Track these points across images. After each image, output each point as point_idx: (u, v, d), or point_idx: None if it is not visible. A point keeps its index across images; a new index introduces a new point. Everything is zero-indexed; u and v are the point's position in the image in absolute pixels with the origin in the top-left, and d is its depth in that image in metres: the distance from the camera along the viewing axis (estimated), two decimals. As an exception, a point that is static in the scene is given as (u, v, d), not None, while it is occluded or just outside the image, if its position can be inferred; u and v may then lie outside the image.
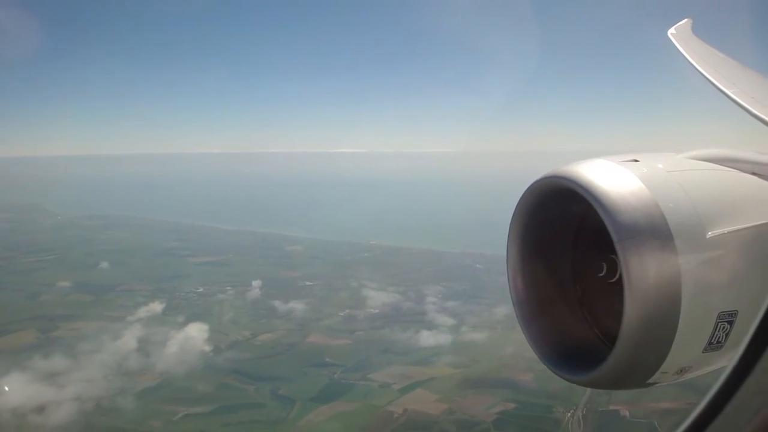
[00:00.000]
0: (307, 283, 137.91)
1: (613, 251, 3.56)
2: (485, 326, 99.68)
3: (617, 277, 3.70)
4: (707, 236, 3.64)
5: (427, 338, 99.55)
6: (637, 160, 4.01)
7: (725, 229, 3.70)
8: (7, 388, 76.49)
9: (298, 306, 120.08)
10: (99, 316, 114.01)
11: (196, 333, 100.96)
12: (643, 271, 3.45)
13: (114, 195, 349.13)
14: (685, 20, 13.76)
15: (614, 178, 3.77)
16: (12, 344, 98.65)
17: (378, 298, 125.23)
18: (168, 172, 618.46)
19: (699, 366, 3.93)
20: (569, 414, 71.87)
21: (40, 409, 76.12)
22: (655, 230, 3.54)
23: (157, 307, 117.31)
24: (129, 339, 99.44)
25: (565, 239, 4.54)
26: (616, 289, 3.74)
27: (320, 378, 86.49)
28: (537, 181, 4.17)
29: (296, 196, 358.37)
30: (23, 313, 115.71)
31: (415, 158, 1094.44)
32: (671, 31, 13.02)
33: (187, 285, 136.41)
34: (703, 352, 3.76)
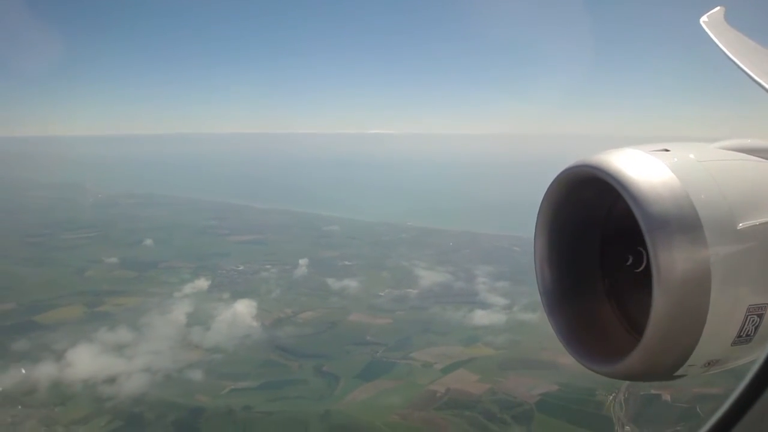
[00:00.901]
0: (347, 262, 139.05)
1: (642, 241, 3.53)
2: (527, 309, 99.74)
3: (645, 267, 3.71)
4: (738, 227, 3.61)
5: (481, 317, 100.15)
6: (667, 150, 3.98)
7: (756, 221, 3.67)
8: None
9: (338, 285, 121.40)
10: (143, 292, 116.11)
11: (241, 310, 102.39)
12: (672, 262, 3.42)
13: (152, 174, 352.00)
14: (718, 8, 13.75)
15: (644, 168, 3.73)
16: (61, 318, 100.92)
17: (422, 277, 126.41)
18: (204, 152, 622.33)
19: (727, 359, 3.86)
20: (611, 397, 71.65)
21: (93, 383, 78.24)
22: (685, 221, 3.50)
23: (202, 284, 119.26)
24: (177, 315, 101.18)
25: (593, 229, 4.49)
26: (644, 280, 3.70)
27: (363, 356, 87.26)
28: (565, 170, 4.10)
29: (330, 176, 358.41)
30: (69, 288, 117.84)
31: (446, 140, 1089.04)
32: (703, 19, 13.11)
33: (227, 263, 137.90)
34: (731, 345, 3.71)
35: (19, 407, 72.32)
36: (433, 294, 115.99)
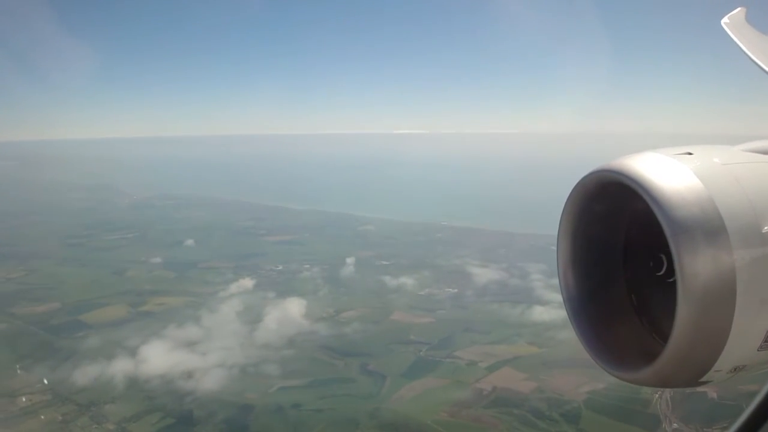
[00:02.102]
0: (384, 262, 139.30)
1: (666, 246, 3.45)
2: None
3: (668, 272, 3.74)
4: (763, 231, 3.54)
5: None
6: (690, 153, 3.89)
7: None
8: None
9: (377, 284, 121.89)
10: (185, 292, 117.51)
11: (286, 309, 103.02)
12: (696, 267, 3.34)
13: (185, 176, 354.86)
14: (739, 9, 13.55)
15: (667, 172, 3.66)
16: (106, 317, 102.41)
17: (461, 276, 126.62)
18: (235, 154, 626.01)
19: (754, 364, 3.77)
20: (657, 395, 71.22)
21: (143, 380, 79.39)
22: (709, 225, 3.42)
23: (246, 283, 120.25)
24: (224, 315, 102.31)
25: (617, 234, 4.40)
26: (668, 285, 3.65)
27: (407, 355, 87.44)
28: (588, 175, 4.02)
29: (362, 176, 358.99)
30: (111, 289, 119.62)
31: (476, 139, 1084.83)
32: (725, 20, 12.94)
33: (266, 263, 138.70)
34: (758, 350, 3.63)
35: (70, 405, 73.36)
36: (474, 293, 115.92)
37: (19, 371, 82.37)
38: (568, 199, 4.19)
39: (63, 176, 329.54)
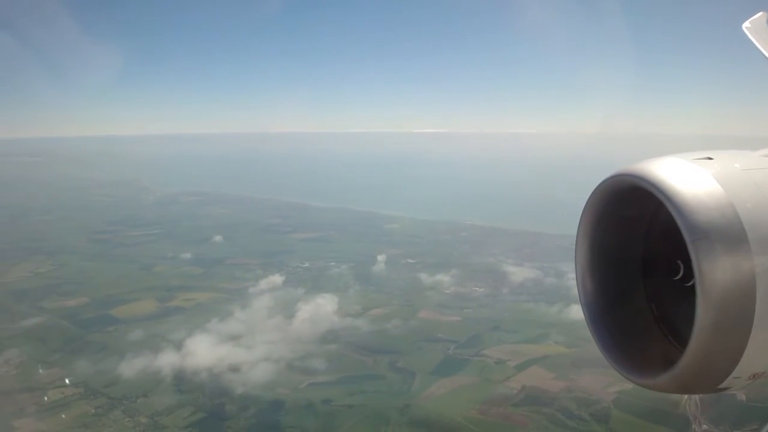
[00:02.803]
0: (410, 260, 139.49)
1: (686, 252, 3.47)
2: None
3: (686, 276, 3.80)
4: None
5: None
6: (710, 158, 3.88)
7: None
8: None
9: (404, 282, 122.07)
10: (213, 288, 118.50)
11: (314, 306, 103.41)
12: (716, 273, 3.35)
13: (208, 173, 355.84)
14: (760, 14, 13.60)
15: (687, 177, 3.66)
16: (135, 312, 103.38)
17: (488, 275, 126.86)
18: (259, 151, 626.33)
19: None
20: (686, 396, 70.66)
21: (175, 375, 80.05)
22: (729, 231, 3.43)
23: (275, 280, 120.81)
24: (253, 311, 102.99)
25: (636, 239, 4.44)
26: (688, 291, 3.72)
27: (435, 353, 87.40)
28: (607, 179, 4.06)
29: (386, 174, 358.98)
30: (139, 284, 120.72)
31: (497, 139, 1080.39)
32: (746, 24, 13.01)
33: (293, 260, 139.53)
34: None
35: (102, 398, 73.96)
36: (501, 292, 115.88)
37: (51, 365, 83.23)
38: (587, 203, 4.26)
39: (87, 173, 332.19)
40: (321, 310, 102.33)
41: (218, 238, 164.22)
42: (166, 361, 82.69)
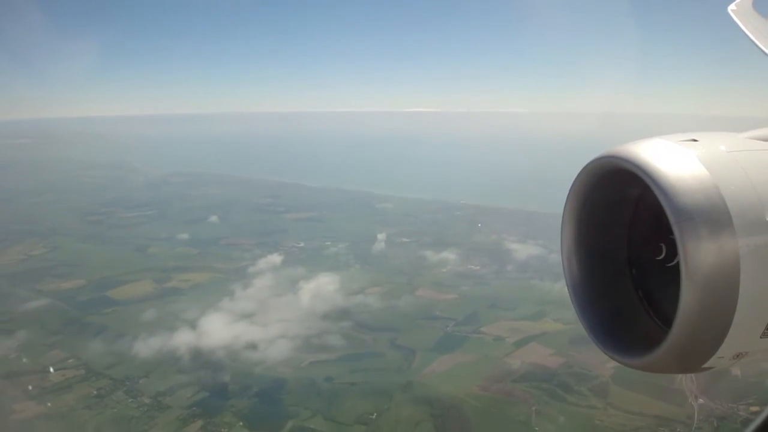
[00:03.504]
0: (404, 239, 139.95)
1: (671, 233, 3.49)
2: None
3: (674, 259, 3.68)
4: None
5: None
6: (695, 140, 3.91)
7: None
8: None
9: (399, 261, 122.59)
10: (209, 268, 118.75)
11: (312, 285, 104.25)
12: (700, 254, 3.37)
13: (198, 153, 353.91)
14: None
15: (672, 159, 3.69)
16: (133, 293, 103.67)
17: (484, 253, 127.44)
18: (249, 131, 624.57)
19: (756, 351, 3.79)
20: (681, 372, 71.25)
21: (176, 355, 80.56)
22: (714, 213, 3.45)
23: (272, 260, 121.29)
24: (253, 290, 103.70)
25: (621, 221, 4.43)
26: (672, 272, 3.69)
27: (434, 330, 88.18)
28: (593, 161, 4.05)
29: (377, 154, 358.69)
30: (135, 265, 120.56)
31: (487, 118, 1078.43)
32: (731, 7, 12.96)
33: (288, 240, 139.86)
34: (761, 337, 3.67)
35: (104, 380, 74.25)
36: (497, 270, 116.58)
37: (50, 347, 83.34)
38: (572, 185, 4.26)
39: (76, 154, 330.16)
40: (320, 289, 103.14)
41: (212, 218, 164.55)
42: (168, 341, 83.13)
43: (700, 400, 67.02)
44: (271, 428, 63.84)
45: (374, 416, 65.45)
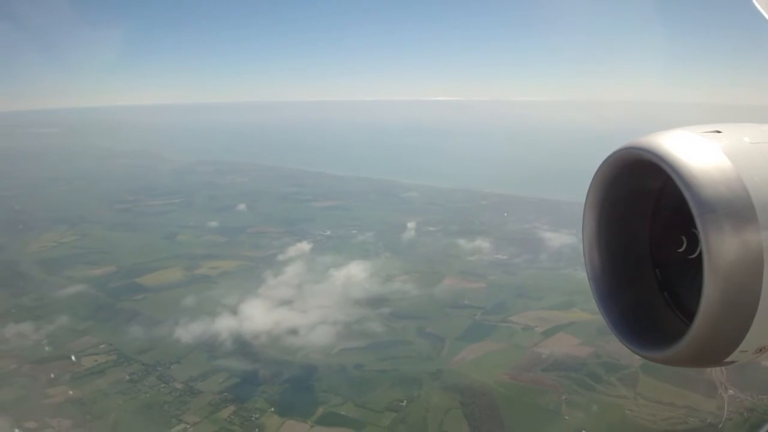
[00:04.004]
0: (431, 228, 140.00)
1: (693, 225, 3.46)
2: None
3: (697, 252, 3.68)
4: None
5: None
6: (719, 131, 3.86)
7: None
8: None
9: (427, 249, 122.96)
10: (238, 256, 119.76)
11: (340, 274, 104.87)
12: (724, 247, 3.34)
13: (224, 142, 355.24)
14: None
15: (696, 151, 3.64)
16: (163, 280, 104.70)
17: (511, 242, 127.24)
18: (274, 120, 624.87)
19: None
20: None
21: (208, 341, 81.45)
22: (737, 205, 3.41)
23: (301, 248, 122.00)
24: (284, 278, 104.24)
25: (643, 212, 4.43)
26: (695, 264, 3.71)
27: (462, 319, 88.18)
28: (615, 153, 4.03)
29: (399, 143, 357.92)
30: (164, 252, 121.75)
31: (511, 107, 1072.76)
32: None
33: (315, 228, 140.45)
34: None
35: (136, 365, 74.95)
36: (525, 259, 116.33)
37: (82, 333, 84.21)
38: (595, 176, 4.26)
39: (102, 143, 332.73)
40: (346, 277, 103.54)
41: (239, 207, 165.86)
42: (199, 328, 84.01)
43: (730, 391, 66.73)
44: (303, 414, 64.13)
45: (404, 403, 65.70)
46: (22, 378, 71.64)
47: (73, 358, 76.79)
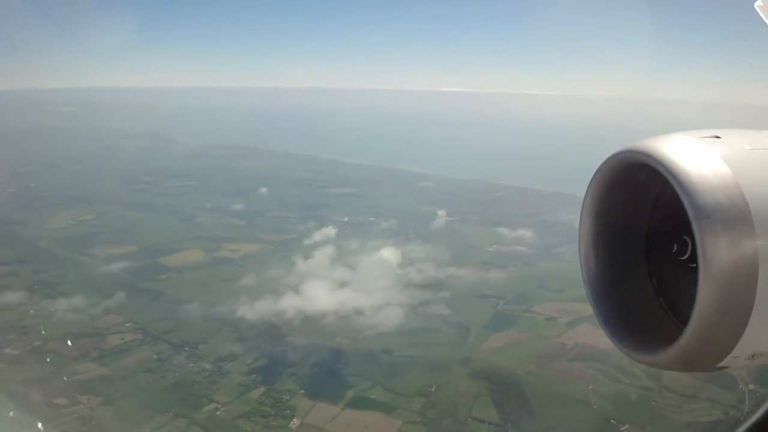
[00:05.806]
0: (448, 218, 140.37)
1: (690, 231, 3.44)
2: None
3: (691, 257, 3.71)
4: None
5: None
6: (718, 137, 3.84)
7: None
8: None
9: (446, 239, 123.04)
10: (257, 239, 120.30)
11: (362, 259, 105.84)
12: (719, 253, 3.32)
13: (235, 126, 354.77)
14: None
15: (694, 155, 3.62)
16: (185, 261, 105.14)
17: (528, 234, 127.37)
18: (286, 106, 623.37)
19: None
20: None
21: (235, 322, 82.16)
22: (734, 211, 3.39)
23: (323, 233, 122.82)
24: (314, 261, 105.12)
25: (640, 216, 4.36)
26: (690, 270, 3.64)
27: (485, 308, 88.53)
28: (613, 156, 4.01)
29: (413, 133, 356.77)
30: (183, 234, 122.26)
31: (522, 99, 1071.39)
32: (758, 3, 12.46)
33: (332, 214, 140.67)
34: None
35: (163, 344, 75.55)
36: (544, 251, 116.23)
37: (107, 311, 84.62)
38: (592, 178, 4.20)
39: (116, 123, 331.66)
40: (366, 264, 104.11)
41: (261, 190, 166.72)
42: (224, 308, 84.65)
43: (751, 386, 67.04)
44: (332, 397, 64.57)
45: (433, 389, 66.28)
46: (49, 354, 71.82)
47: (109, 334, 77.83)
